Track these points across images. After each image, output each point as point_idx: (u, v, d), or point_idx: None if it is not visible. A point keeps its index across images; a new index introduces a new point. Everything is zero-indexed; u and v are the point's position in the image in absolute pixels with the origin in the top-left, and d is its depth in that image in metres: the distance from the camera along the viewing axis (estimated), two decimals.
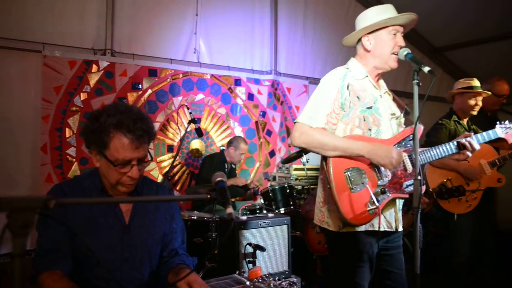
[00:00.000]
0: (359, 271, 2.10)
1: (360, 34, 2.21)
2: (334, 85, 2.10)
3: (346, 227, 2.06)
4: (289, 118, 5.60)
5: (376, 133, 2.13)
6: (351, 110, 2.10)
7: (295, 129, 2.10)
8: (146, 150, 1.66)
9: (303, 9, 5.65)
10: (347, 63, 2.27)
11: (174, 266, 1.77)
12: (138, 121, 1.61)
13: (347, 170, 2.04)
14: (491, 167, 3.27)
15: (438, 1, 5.39)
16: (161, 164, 4.67)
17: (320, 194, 2.22)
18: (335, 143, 2.01)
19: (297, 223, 4.49)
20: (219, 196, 1.48)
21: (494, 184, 3.28)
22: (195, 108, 4.92)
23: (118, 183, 1.64)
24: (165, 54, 4.73)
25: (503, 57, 5.97)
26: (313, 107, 2.09)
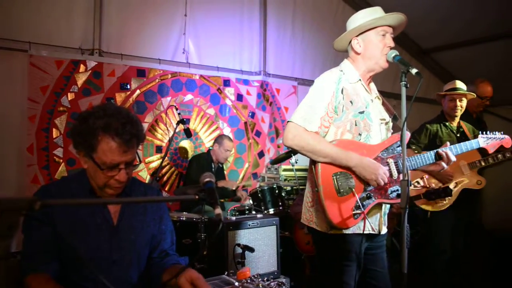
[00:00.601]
0: (347, 270, 2.12)
1: (349, 37, 2.22)
2: (329, 89, 2.11)
3: (333, 229, 2.09)
4: (278, 119, 5.61)
5: (366, 138, 2.15)
6: (343, 114, 2.11)
7: (288, 130, 2.09)
8: (135, 153, 1.64)
9: (292, 10, 5.66)
10: (340, 65, 2.28)
11: (168, 266, 1.77)
12: (127, 125, 1.58)
13: (335, 174, 2.07)
14: (470, 169, 3.31)
15: (427, 4, 5.45)
16: (150, 165, 4.65)
17: (308, 195, 2.23)
18: (327, 151, 2.03)
19: (286, 223, 4.50)
20: (207, 197, 1.48)
21: (473, 186, 3.31)
22: (184, 109, 4.91)
23: (106, 185, 1.63)
24: (154, 54, 4.70)
25: (490, 59, 6.06)
26: (308, 109, 2.09)
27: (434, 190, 3.30)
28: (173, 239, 1.92)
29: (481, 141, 2.49)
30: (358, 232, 2.10)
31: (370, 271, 2.21)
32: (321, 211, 2.08)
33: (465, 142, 2.40)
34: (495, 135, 2.54)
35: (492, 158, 3.19)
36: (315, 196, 2.15)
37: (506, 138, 2.57)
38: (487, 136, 2.53)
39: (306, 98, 2.14)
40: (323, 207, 2.03)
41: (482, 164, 3.25)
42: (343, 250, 2.11)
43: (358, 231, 2.10)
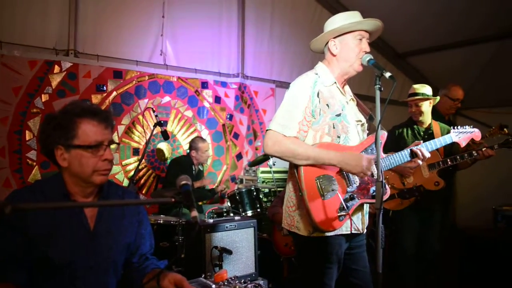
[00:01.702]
0: (328, 272, 2.15)
1: (327, 38, 2.25)
2: (305, 93, 2.13)
3: (316, 232, 2.11)
4: (256, 121, 5.62)
5: (344, 140, 2.18)
6: (321, 118, 2.14)
7: (267, 137, 2.10)
8: (112, 134, 1.69)
9: (270, 13, 5.69)
10: (315, 68, 2.30)
11: (149, 271, 1.76)
12: (98, 107, 1.68)
13: (318, 178, 2.10)
14: (429, 170, 3.39)
15: (401, 8, 5.57)
16: (127, 168, 4.59)
17: (289, 199, 2.24)
18: (308, 153, 2.05)
19: (264, 225, 4.52)
20: (184, 200, 1.48)
21: (431, 187, 3.38)
22: (162, 111, 4.87)
23: (95, 171, 1.60)
24: (131, 55, 4.65)
25: (464, 62, 6.22)
26: (285, 114, 2.10)
27: (408, 189, 3.38)
28: (152, 242, 1.91)
29: (453, 136, 2.56)
30: (339, 234, 2.13)
31: (352, 270, 2.25)
32: (304, 215, 2.10)
33: (438, 138, 2.47)
34: (466, 129, 2.62)
35: (450, 160, 3.28)
36: (297, 201, 2.16)
37: (476, 131, 2.64)
38: (458, 130, 2.61)
39: (282, 104, 2.16)
40: (308, 211, 2.04)
41: (441, 165, 3.33)
42: (325, 252, 2.13)
43: (340, 232, 2.13)
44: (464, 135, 2.60)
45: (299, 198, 2.11)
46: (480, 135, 2.65)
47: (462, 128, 2.63)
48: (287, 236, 3.65)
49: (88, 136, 1.58)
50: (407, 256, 3.62)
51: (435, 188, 3.39)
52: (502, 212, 4.67)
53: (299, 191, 2.09)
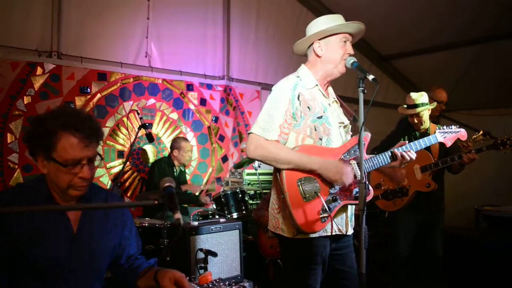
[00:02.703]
0: (312, 273, 2.16)
1: (312, 40, 2.26)
2: (285, 96, 2.15)
3: (300, 234, 2.12)
4: (241, 124, 5.63)
5: (327, 142, 2.20)
6: (302, 120, 2.16)
7: (249, 141, 2.12)
8: (96, 149, 1.62)
9: (256, 15, 5.71)
10: (297, 71, 2.32)
11: (143, 270, 1.76)
12: (86, 120, 1.58)
13: (300, 180, 2.11)
14: (421, 172, 3.44)
15: (386, 12, 5.64)
16: (111, 170, 4.55)
17: (274, 202, 2.26)
18: (289, 158, 2.07)
19: (250, 228, 4.52)
20: (167, 202, 1.48)
21: (423, 189, 3.43)
22: (147, 113, 4.84)
23: (70, 186, 1.58)
24: (115, 57, 4.61)
25: (446, 65, 6.33)
26: (266, 118, 2.13)
27: (392, 190, 3.43)
28: (139, 243, 1.91)
29: (439, 136, 2.55)
30: (324, 235, 2.15)
31: (339, 271, 2.26)
32: (288, 217, 2.11)
33: (423, 138, 2.46)
34: (451, 129, 2.62)
35: (442, 162, 3.33)
36: (281, 203, 2.18)
37: (462, 131, 2.64)
38: (444, 130, 2.60)
39: (264, 108, 2.19)
40: (290, 214, 2.06)
41: (433, 167, 3.38)
42: (309, 254, 2.15)
43: (324, 234, 2.15)
44: (450, 135, 2.60)
45: (282, 200, 2.12)
46: (465, 135, 2.66)
47: (448, 128, 2.62)
48: (272, 238, 3.67)
49: (66, 153, 1.53)
50: (400, 258, 3.63)
51: (427, 189, 3.44)
52: (483, 212, 4.76)
53: (281, 193, 2.10)
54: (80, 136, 1.54)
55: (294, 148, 2.14)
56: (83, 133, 1.54)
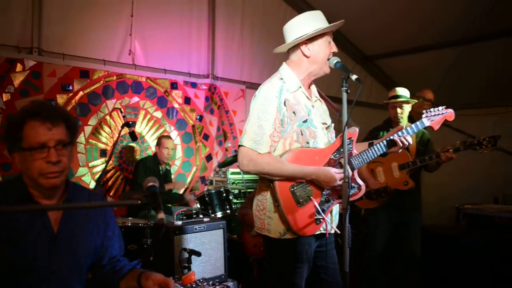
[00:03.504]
0: (298, 271, 2.17)
1: (299, 41, 2.24)
2: (273, 104, 2.12)
3: (287, 234, 2.13)
4: (226, 122, 5.61)
5: (313, 145, 2.21)
6: (288, 126, 2.15)
7: (242, 155, 2.10)
8: (64, 134, 1.58)
9: (241, 13, 5.70)
10: (279, 71, 2.29)
11: (126, 271, 1.73)
12: (49, 106, 1.59)
13: (292, 186, 2.12)
14: (399, 170, 3.48)
15: (370, 12, 5.69)
16: (94, 170, 4.49)
17: (259, 203, 2.24)
18: (282, 171, 2.08)
19: (234, 227, 4.51)
20: (151, 201, 1.46)
21: (401, 186, 3.47)
22: (130, 112, 4.79)
23: (40, 174, 1.53)
24: (98, 55, 4.55)
25: (429, 66, 6.42)
26: (257, 129, 2.09)
27: (375, 190, 3.46)
28: (122, 244, 1.88)
29: (425, 120, 2.51)
30: (307, 234, 2.15)
31: (322, 267, 2.28)
32: (275, 217, 2.13)
33: (415, 123, 2.45)
34: (438, 110, 2.54)
35: (420, 160, 3.38)
36: (267, 204, 2.18)
37: (449, 111, 2.55)
38: (430, 114, 2.53)
39: (252, 117, 2.14)
40: (286, 221, 2.09)
41: (411, 166, 3.43)
42: (295, 253, 2.16)
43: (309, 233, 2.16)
44: (437, 117, 2.52)
45: (277, 207, 2.12)
46: (453, 115, 2.56)
47: (435, 110, 2.54)
48: (256, 236, 3.67)
49: (32, 137, 1.51)
50: (377, 256, 3.68)
51: (404, 187, 3.47)
52: (463, 210, 4.85)
53: (275, 201, 2.11)
54: (42, 119, 1.53)
55: (283, 154, 2.13)
56: (45, 116, 1.54)
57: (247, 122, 2.16)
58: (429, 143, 3.66)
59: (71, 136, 1.62)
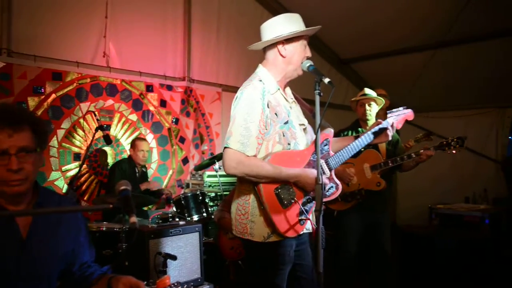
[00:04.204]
0: (281, 273, 2.20)
1: (276, 41, 2.26)
2: (258, 106, 2.13)
3: (271, 237, 2.14)
4: (202, 125, 5.59)
5: (294, 146, 2.24)
6: (271, 128, 2.16)
7: (228, 157, 2.07)
8: (29, 139, 1.53)
9: (217, 16, 5.69)
10: (257, 73, 2.31)
11: (96, 277, 1.70)
12: (15, 111, 1.52)
13: (277, 189, 2.14)
14: (371, 171, 3.54)
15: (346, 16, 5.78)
16: (67, 174, 4.40)
17: (239, 207, 2.23)
18: (268, 175, 2.09)
19: (210, 230, 4.50)
20: (123, 205, 1.45)
21: (373, 187, 3.51)
22: (105, 115, 4.72)
23: (2, 182, 1.49)
24: (71, 56, 4.46)
25: (402, 70, 6.57)
26: (243, 132, 2.08)
27: (350, 192, 3.50)
28: (92, 249, 1.85)
29: (390, 120, 2.56)
30: (293, 236, 2.19)
31: (298, 265, 2.31)
32: (258, 221, 2.14)
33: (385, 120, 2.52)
34: (399, 110, 2.61)
35: (391, 161, 3.45)
36: (250, 208, 2.17)
37: (409, 111, 2.64)
38: (393, 114, 2.61)
39: (238, 119, 2.12)
40: (272, 223, 2.10)
41: (382, 166, 3.49)
42: (280, 255, 2.18)
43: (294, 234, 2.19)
44: (398, 117, 2.61)
45: (261, 210, 2.14)
46: (412, 114, 2.65)
47: (397, 110, 2.62)
48: (233, 239, 3.66)
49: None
50: (350, 257, 3.72)
51: (377, 188, 3.52)
52: (436, 210, 4.97)
53: (261, 204, 2.12)
54: (3, 125, 1.47)
55: (265, 156, 2.14)
56: (5, 121, 1.48)
57: (231, 124, 2.13)
58: (398, 143, 3.74)
59: (39, 141, 1.57)
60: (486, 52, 5.66)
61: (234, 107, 2.18)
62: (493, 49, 5.57)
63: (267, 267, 2.20)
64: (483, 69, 5.89)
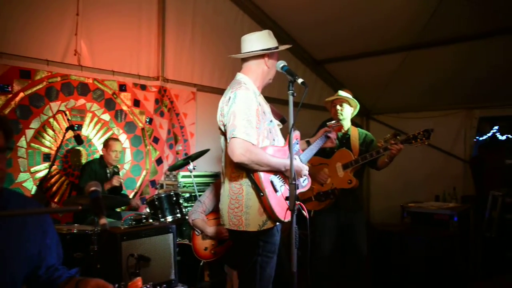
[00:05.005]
0: (272, 262, 2.40)
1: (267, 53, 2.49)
2: (254, 102, 2.35)
3: (267, 223, 2.33)
4: (176, 125, 5.54)
5: (277, 142, 2.48)
6: (262, 124, 2.37)
7: (238, 146, 2.21)
8: (2, 139, 1.51)
9: (192, 16, 5.64)
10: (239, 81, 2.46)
11: (64, 280, 1.67)
12: None
13: (272, 177, 2.37)
14: (343, 169, 3.61)
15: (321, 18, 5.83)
16: (36, 175, 4.28)
17: (233, 201, 2.38)
18: (270, 163, 2.30)
19: (185, 231, 4.46)
20: (92, 207, 1.43)
21: (345, 185, 3.58)
22: (76, 114, 4.62)
23: None
24: (41, 54, 4.33)
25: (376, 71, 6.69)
26: (246, 124, 2.25)
27: (324, 192, 3.54)
28: (60, 252, 1.81)
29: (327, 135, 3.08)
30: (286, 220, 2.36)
31: None
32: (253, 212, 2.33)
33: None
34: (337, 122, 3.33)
35: (361, 158, 3.52)
36: (244, 200, 2.35)
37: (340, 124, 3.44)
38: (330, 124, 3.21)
39: (238, 113, 2.28)
40: (270, 208, 2.29)
41: (353, 164, 3.56)
42: (272, 243, 2.39)
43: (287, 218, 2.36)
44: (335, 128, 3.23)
45: (261, 198, 2.31)
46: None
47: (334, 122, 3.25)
48: (206, 240, 3.64)
49: None
50: (325, 257, 3.75)
51: (348, 186, 3.58)
52: (407, 209, 5.07)
53: (259, 192, 2.30)
54: None
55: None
56: None
57: (233, 119, 2.29)
58: (372, 143, 3.79)
59: (8, 141, 1.54)
60: (455, 55, 5.84)
61: (231, 105, 2.33)
62: (461, 52, 5.74)
63: (259, 256, 2.36)
64: (453, 72, 6.08)
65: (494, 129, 7.44)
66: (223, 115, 2.38)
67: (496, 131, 7.43)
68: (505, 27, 5.11)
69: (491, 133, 7.45)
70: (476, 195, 6.28)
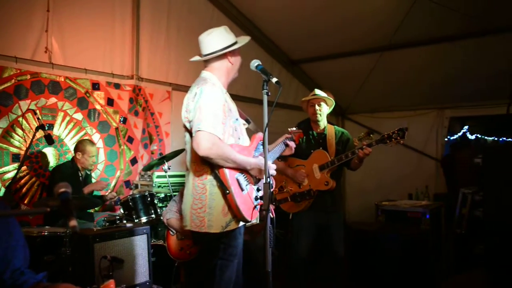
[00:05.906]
0: (233, 265, 2.37)
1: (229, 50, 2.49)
2: (221, 98, 2.34)
3: (230, 224, 2.29)
4: (151, 125, 5.46)
5: (242, 141, 2.45)
6: (227, 121, 2.35)
7: (204, 139, 2.16)
8: None
9: (167, 14, 5.57)
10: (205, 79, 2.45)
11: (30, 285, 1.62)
12: None
13: (237, 175, 2.33)
14: (320, 171, 3.63)
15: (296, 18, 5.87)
16: (5, 176, 4.14)
17: (196, 201, 2.32)
18: (236, 159, 2.27)
19: (160, 231, 4.40)
20: (62, 208, 1.39)
21: (322, 187, 3.61)
22: (47, 113, 4.49)
23: None
24: (9, 51, 4.18)
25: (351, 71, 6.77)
26: (212, 118, 2.22)
27: (300, 192, 3.55)
28: (27, 255, 1.75)
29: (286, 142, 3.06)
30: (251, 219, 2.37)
31: None
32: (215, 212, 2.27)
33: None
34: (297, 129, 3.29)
35: (337, 159, 3.56)
36: (207, 200, 2.28)
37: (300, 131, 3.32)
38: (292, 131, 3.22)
39: (204, 107, 2.24)
40: (236, 206, 2.23)
41: (330, 165, 3.59)
42: (234, 246, 2.36)
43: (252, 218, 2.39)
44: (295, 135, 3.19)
45: (227, 196, 2.26)
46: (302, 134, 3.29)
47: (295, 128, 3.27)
48: (181, 240, 3.61)
49: None
50: (302, 258, 3.76)
51: (325, 187, 3.60)
52: (382, 207, 5.16)
53: (225, 190, 2.25)
54: None
55: None
56: None
57: (199, 113, 2.24)
58: (348, 142, 3.82)
59: None
60: (427, 57, 5.97)
61: (197, 100, 2.29)
62: (433, 53, 5.88)
63: (222, 258, 2.33)
64: (424, 73, 6.22)
65: (464, 129, 7.66)
66: (189, 111, 2.34)
67: (466, 130, 7.65)
68: (475, 30, 5.26)
69: (462, 133, 7.66)
70: (448, 193, 6.44)
